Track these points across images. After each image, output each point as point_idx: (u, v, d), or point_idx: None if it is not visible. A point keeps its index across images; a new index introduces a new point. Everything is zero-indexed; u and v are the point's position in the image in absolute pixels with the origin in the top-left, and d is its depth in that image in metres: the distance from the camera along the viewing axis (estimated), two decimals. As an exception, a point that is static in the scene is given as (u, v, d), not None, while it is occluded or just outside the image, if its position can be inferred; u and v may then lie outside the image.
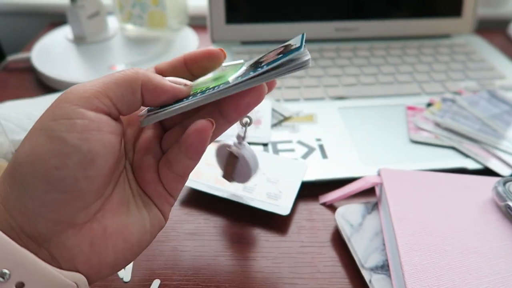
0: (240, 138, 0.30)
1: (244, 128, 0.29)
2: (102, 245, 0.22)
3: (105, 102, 0.22)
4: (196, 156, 0.24)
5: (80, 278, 0.22)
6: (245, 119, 0.29)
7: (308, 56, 0.22)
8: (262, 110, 0.45)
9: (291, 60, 0.22)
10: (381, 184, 0.35)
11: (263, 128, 0.44)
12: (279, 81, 0.52)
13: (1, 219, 0.21)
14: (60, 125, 0.21)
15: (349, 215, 0.34)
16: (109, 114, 0.22)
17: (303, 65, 0.22)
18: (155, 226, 0.25)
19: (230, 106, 0.25)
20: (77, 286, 0.21)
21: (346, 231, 0.33)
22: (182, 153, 0.24)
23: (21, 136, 0.39)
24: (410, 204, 0.32)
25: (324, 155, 0.41)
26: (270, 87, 0.26)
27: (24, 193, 0.20)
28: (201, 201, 0.37)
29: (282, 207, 0.35)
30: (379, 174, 0.36)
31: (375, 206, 0.35)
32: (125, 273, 0.31)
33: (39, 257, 0.21)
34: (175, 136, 0.26)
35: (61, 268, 0.21)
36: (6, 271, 0.20)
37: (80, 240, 0.22)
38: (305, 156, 0.41)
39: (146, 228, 0.24)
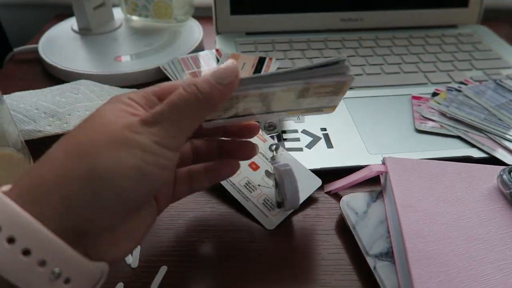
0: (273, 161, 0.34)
1: (273, 152, 0.35)
2: (121, 241, 0.24)
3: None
4: (216, 182, 0.32)
5: (104, 266, 0.23)
6: (274, 145, 0.34)
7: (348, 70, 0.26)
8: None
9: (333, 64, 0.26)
10: (385, 173, 0.35)
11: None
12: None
13: (49, 212, 0.21)
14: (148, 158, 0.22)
15: (354, 203, 0.34)
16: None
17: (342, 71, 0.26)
18: (153, 219, 0.27)
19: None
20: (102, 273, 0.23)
21: (351, 219, 0.33)
22: (207, 179, 0.31)
23: (30, 126, 0.40)
24: (415, 192, 0.32)
25: (329, 145, 0.41)
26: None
27: (94, 201, 0.21)
28: (207, 189, 0.38)
29: (270, 221, 0.35)
30: (383, 163, 0.36)
31: (380, 194, 0.35)
32: (133, 260, 0.31)
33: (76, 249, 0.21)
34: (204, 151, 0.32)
35: (91, 259, 0.22)
36: (56, 270, 0.20)
37: (112, 239, 0.23)
38: (310, 145, 0.41)
39: (148, 224, 0.26)
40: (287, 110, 0.30)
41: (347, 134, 0.43)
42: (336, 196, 0.37)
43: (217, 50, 0.55)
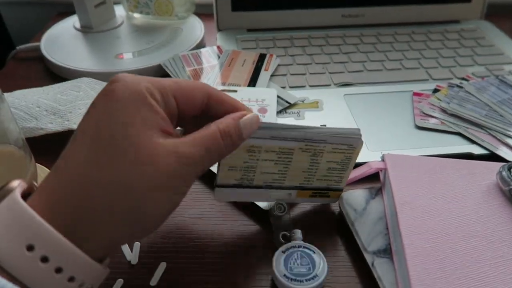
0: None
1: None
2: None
3: None
4: None
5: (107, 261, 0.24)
6: (279, 205, 0.34)
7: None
8: (268, 98, 0.46)
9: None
10: (385, 170, 0.35)
11: (269, 115, 0.44)
12: (284, 69, 0.52)
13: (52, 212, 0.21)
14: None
15: (353, 200, 0.34)
16: None
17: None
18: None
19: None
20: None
21: (349, 216, 0.33)
22: None
23: (31, 124, 0.40)
24: (414, 189, 0.32)
25: (329, 142, 0.41)
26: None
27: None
28: (206, 186, 0.38)
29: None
30: (383, 160, 0.36)
31: (379, 191, 0.35)
32: (133, 256, 0.32)
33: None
34: None
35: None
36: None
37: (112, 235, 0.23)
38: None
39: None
40: (299, 187, 0.33)
41: (347, 130, 0.43)
42: (336, 193, 0.37)
43: (218, 47, 0.55)
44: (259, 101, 0.45)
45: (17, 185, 0.22)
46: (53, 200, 0.21)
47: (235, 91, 0.46)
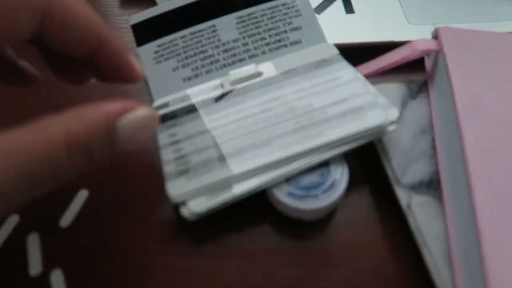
0: None
1: None
2: None
3: None
4: None
5: None
6: None
7: None
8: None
9: None
10: (437, 52, 0.22)
11: None
12: None
13: None
14: None
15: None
16: None
17: None
18: None
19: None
20: None
21: (375, 125, 0.21)
22: None
23: None
24: (484, 83, 0.20)
25: (348, 8, 0.27)
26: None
27: None
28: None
29: None
30: (435, 37, 0.22)
31: (423, 87, 0.23)
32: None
33: None
34: None
35: None
36: None
37: None
38: (320, 9, 0.27)
39: None
40: None
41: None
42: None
43: None
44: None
45: None
46: None
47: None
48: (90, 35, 0.16)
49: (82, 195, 0.21)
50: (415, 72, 0.24)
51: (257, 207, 0.20)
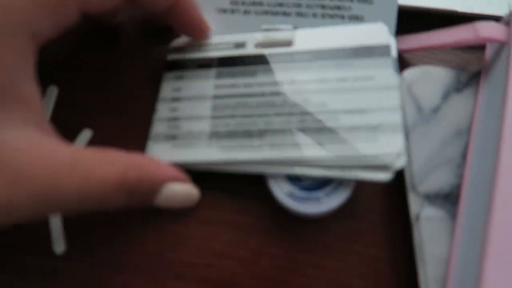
0: None
1: None
2: None
3: None
4: None
5: None
6: None
7: None
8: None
9: None
10: (503, 44, 0.18)
11: None
12: None
13: None
14: None
15: (422, 88, 0.19)
16: None
17: None
18: None
19: None
20: None
21: (407, 115, 0.19)
22: None
23: None
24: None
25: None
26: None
27: None
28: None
29: None
30: (507, 22, 0.19)
31: (474, 80, 0.20)
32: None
33: None
34: None
35: None
36: None
37: None
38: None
39: None
40: None
41: None
42: (404, 60, 0.22)
43: None
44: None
45: None
46: None
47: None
48: None
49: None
50: (474, 52, 0.21)
51: (254, 182, 0.19)
